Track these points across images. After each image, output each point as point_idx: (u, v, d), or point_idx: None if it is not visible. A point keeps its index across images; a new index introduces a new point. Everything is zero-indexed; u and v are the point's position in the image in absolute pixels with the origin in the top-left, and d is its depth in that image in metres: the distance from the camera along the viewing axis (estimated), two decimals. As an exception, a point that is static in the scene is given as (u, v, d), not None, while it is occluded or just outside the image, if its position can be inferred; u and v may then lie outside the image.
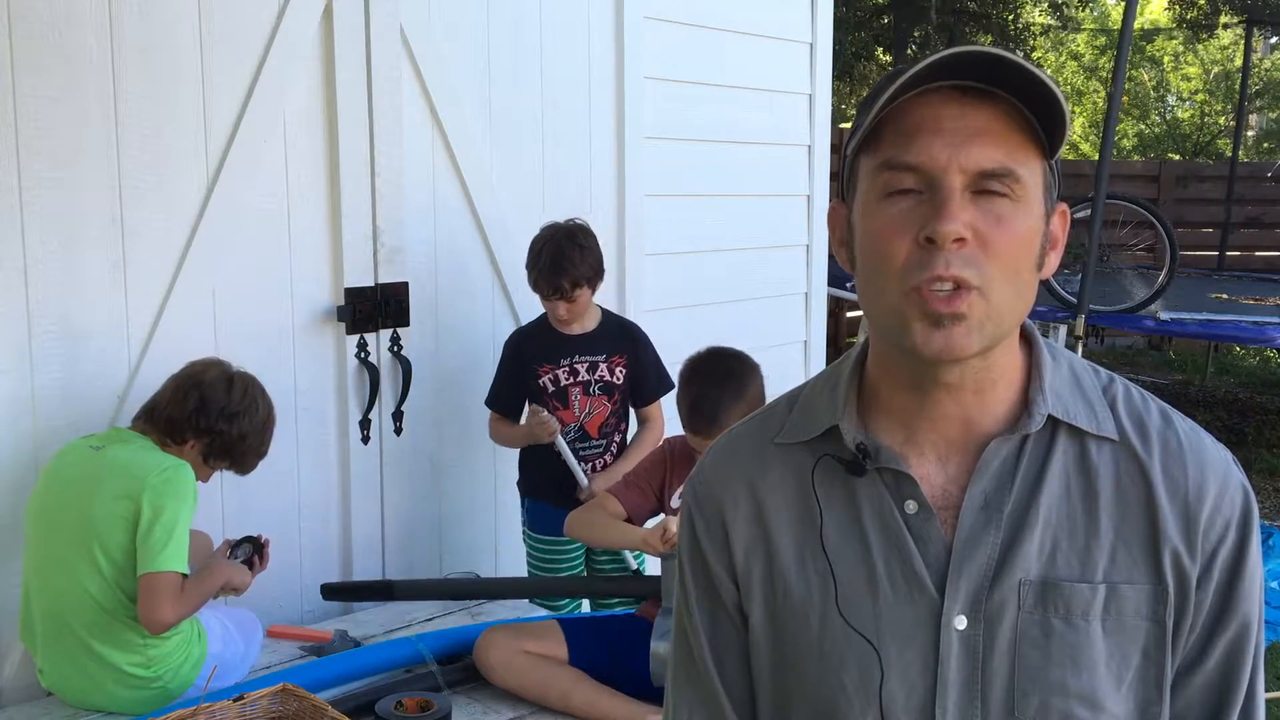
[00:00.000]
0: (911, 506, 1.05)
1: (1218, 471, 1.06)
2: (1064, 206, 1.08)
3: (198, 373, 2.66)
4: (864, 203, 1.04)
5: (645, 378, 3.42)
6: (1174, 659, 1.04)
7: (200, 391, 2.62)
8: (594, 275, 3.27)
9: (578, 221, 3.31)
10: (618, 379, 3.36)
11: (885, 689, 1.03)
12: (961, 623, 1.03)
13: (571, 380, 3.32)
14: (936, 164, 0.98)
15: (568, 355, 3.32)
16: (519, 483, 3.48)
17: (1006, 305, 1.00)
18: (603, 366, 3.34)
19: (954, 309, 0.98)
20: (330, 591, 3.02)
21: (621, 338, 3.40)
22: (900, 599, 1.04)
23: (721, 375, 2.74)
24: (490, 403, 3.41)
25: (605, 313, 3.44)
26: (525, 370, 3.33)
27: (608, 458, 3.38)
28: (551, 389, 3.32)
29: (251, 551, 2.79)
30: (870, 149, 1.03)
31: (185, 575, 2.49)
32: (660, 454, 2.93)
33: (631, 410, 3.47)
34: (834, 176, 1.15)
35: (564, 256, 3.19)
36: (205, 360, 2.72)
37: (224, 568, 2.67)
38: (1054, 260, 1.07)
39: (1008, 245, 0.99)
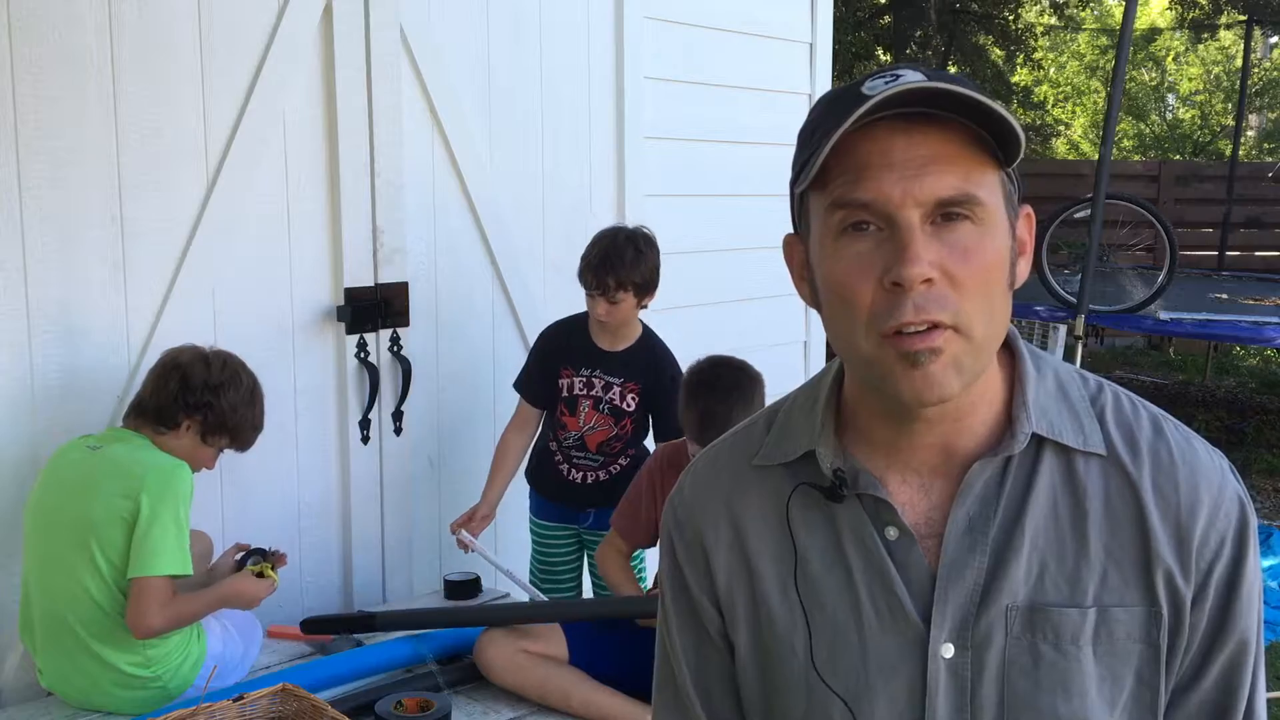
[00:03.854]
0: (892, 533, 1.02)
1: (1211, 485, 1.01)
2: (1028, 209, 1.03)
3: (174, 357, 2.67)
4: (820, 242, 0.99)
5: (662, 416, 3.27)
6: (1169, 680, 1.01)
7: (180, 372, 2.62)
8: (642, 284, 3.18)
9: (644, 230, 3.26)
10: (628, 406, 3.28)
11: None
12: (949, 651, 1.00)
13: (585, 392, 3.30)
14: (890, 200, 0.93)
15: (590, 367, 3.29)
16: (526, 471, 3.51)
17: (983, 338, 0.96)
18: (616, 389, 3.28)
19: (930, 344, 0.94)
20: (311, 626, 2.92)
21: (647, 368, 3.28)
22: (885, 629, 1.01)
23: (729, 387, 2.75)
24: (517, 386, 3.44)
25: (646, 337, 3.32)
26: (549, 365, 3.34)
27: (602, 474, 3.35)
28: (565, 394, 3.32)
29: (261, 564, 2.77)
30: (818, 186, 0.98)
31: (184, 575, 2.49)
32: (646, 475, 2.95)
33: (650, 437, 3.40)
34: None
35: (616, 254, 3.13)
36: (179, 347, 2.72)
37: (234, 582, 2.65)
38: (1024, 267, 1.02)
39: (977, 276, 0.94)
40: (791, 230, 1.07)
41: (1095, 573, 1.00)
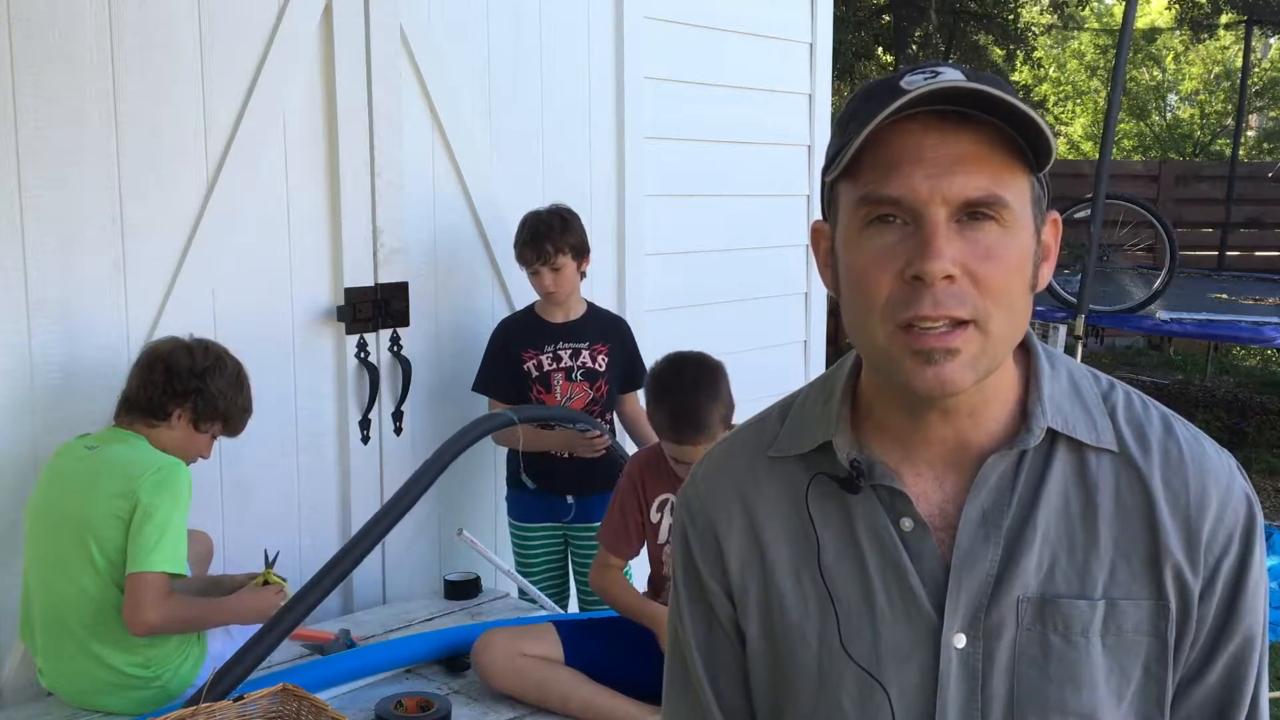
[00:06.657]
0: (907, 524, 1.03)
1: (1220, 482, 1.03)
2: (1055, 215, 1.04)
3: (153, 349, 2.67)
4: (846, 232, 1.01)
5: (630, 367, 3.51)
6: (1175, 673, 1.02)
7: (164, 362, 2.62)
8: (578, 246, 3.34)
9: (562, 204, 3.41)
10: (600, 365, 3.43)
11: (885, 710, 1.02)
12: (960, 641, 1.01)
13: (554, 366, 3.39)
14: (919, 196, 0.94)
15: (551, 342, 3.40)
16: (506, 477, 3.54)
17: (1001, 335, 0.98)
18: (585, 353, 3.41)
19: (947, 344, 0.95)
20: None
21: (606, 328, 3.48)
22: (898, 618, 1.03)
23: (691, 381, 2.71)
24: (479, 388, 3.46)
25: (591, 305, 3.51)
26: (511, 356, 3.40)
27: None
28: (535, 374, 3.38)
29: (265, 571, 2.75)
30: (849, 176, 0.99)
31: (180, 575, 2.48)
32: (626, 481, 2.91)
33: (616, 409, 3.53)
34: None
35: (545, 226, 3.30)
36: (156, 340, 2.72)
37: (242, 598, 2.62)
38: (1046, 272, 1.04)
39: (999, 277, 0.96)
40: (806, 222, 1.08)
41: (1105, 566, 1.01)
